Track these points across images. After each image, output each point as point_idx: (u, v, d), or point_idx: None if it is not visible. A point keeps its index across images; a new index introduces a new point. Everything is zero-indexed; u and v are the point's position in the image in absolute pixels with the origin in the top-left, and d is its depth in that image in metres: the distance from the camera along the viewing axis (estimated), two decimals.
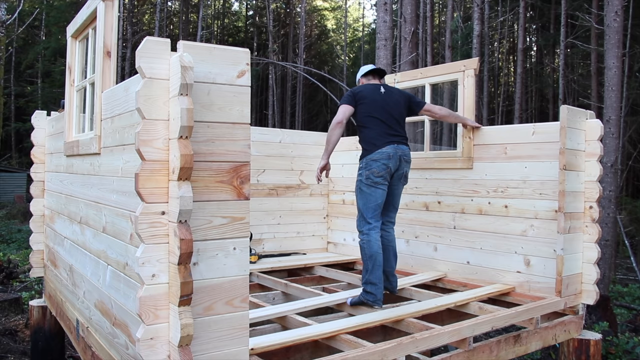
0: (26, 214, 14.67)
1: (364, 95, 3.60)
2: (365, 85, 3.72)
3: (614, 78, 6.78)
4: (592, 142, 3.71)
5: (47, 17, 24.01)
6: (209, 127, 1.97)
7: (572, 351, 3.66)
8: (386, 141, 3.51)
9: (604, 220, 6.64)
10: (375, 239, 3.47)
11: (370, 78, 3.82)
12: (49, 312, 4.15)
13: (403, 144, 3.59)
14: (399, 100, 3.69)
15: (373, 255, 3.43)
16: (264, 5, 28.80)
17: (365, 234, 3.49)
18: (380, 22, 7.14)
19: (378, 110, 3.57)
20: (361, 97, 3.60)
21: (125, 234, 2.20)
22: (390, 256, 3.68)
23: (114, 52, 2.66)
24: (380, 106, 3.58)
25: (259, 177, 5.07)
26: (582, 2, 14.65)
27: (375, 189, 3.49)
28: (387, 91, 3.69)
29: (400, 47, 8.31)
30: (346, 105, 3.59)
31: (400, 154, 3.53)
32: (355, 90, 3.67)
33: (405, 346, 2.62)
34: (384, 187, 3.53)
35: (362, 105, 3.59)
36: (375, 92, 3.64)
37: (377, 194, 3.50)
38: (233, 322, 2.04)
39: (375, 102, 3.59)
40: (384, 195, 3.54)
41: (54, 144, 3.84)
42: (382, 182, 3.50)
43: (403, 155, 3.56)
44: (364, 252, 3.48)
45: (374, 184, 3.49)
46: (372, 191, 3.50)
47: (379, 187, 3.50)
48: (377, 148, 3.49)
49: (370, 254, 3.44)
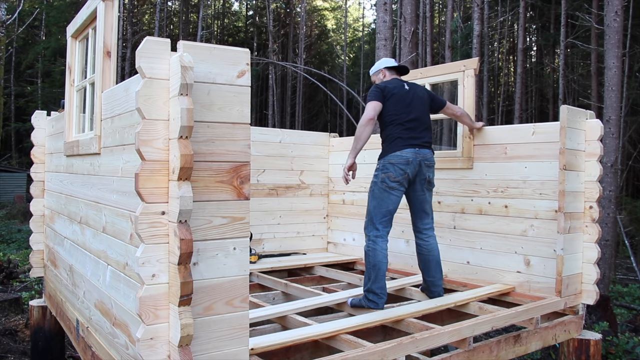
0: (26, 214, 14.67)
1: (391, 91, 3.46)
2: (390, 81, 3.58)
3: (614, 78, 6.78)
4: (592, 142, 3.71)
5: (47, 17, 24.02)
6: (209, 127, 1.97)
7: (572, 351, 3.66)
8: (407, 144, 3.38)
9: (604, 220, 6.64)
10: (381, 248, 3.37)
11: (393, 73, 3.69)
12: (49, 312, 4.15)
13: (425, 147, 3.46)
14: (423, 97, 3.57)
15: (377, 264, 3.35)
16: (264, 5, 28.81)
17: (372, 241, 3.39)
18: (380, 22, 7.14)
19: (403, 109, 3.45)
20: (389, 93, 3.46)
21: (125, 234, 2.20)
22: (431, 266, 3.55)
23: (114, 52, 2.66)
24: (406, 104, 3.46)
25: (259, 177, 5.07)
26: (582, 2, 14.66)
27: (389, 194, 3.38)
28: (412, 88, 3.57)
29: (400, 47, 8.31)
30: (375, 102, 3.43)
31: (420, 159, 3.41)
32: (381, 85, 3.52)
33: (405, 346, 2.62)
34: (399, 193, 3.41)
35: (389, 101, 3.44)
36: (401, 88, 3.51)
37: (390, 199, 3.39)
38: (233, 322, 2.04)
39: (401, 100, 3.46)
40: (397, 202, 3.42)
41: (54, 144, 3.84)
42: (398, 187, 3.39)
43: (424, 160, 3.44)
44: (368, 260, 3.39)
45: (388, 188, 3.37)
46: (386, 196, 3.38)
47: (393, 192, 3.38)
48: (397, 150, 3.38)
49: (374, 263, 3.36)
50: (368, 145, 4.90)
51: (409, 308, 3.24)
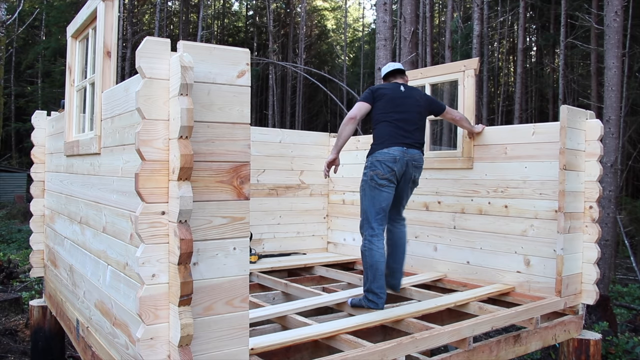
0: (26, 214, 14.67)
1: (382, 93, 3.53)
2: (387, 84, 3.67)
3: (613, 78, 6.78)
4: (592, 142, 3.71)
5: (47, 17, 24.02)
6: (209, 127, 1.97)
7: (572, 351, 3.66)
8: (395, 142, 3.40)
9: (604, 220, 6.65)
10: (377, 247, 3.37)
11: (397, 77, 3.75)
12: (49, 312, 4.15)
13: (414, 147, 3.48)
14: (419, 101, 3.60)
15: (374, 265, 3.35)
16: (264, 6, 28.82)
17: (368, 241, 3.40)
18: (380, 22, 7.14)
19: (394, 109, 3.48)
20: (379, 95, 3.53)
21: (125, 234, 2.20)
22: (398, 253, 3.62)
23: (114, 52, 2.66)
24: (397, 105, 3.50)
25: (259, 177, 5.07)
26: (582, 2, 14.66)
27: (380, 191, 3.39)
28: (407, 91, 3.60)
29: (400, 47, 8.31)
30: (362, 102, 3.52)
31: (407, 158, 3.43)
32: (375, 87, 3.60)
33: (405, 346, 2.62)
34: (390, 189, 3.42)
35: (379, 102, 3.51)
36: (395, 91, 3.56)
37: (382, 196, 3.40)
38: (233, 322, 2.04)
39: (392, 101, 3.50)
40: (389, 198, 3.43)
41: (54, 144, 3.84)
42: (388, 184, 3.40)
43: (411, 160, 3.45)
44: (365, 260, 3.39)
45: (378, 185, 3.39)
46: (377, 193, 3.40)
47: (383, 189, 3.39)
48: (383, 148, 3.40)
49: (372, 263, 3.36)
50: (364, 145, 4.93)
51: (409, 308, 3.24)
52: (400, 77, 3.74)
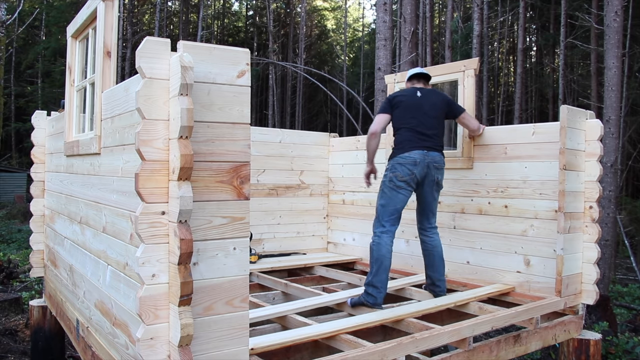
0: (26, 214, 14.67)
1: (399, 101, 3.65)
2: (402, 90, 3.78)
3: (613, 78, 6.78)
4: (592, 142, 3.71)
5: (47, 17, 24.01)
6: (209, 127, 1.97)
7: (572, 351, 3.66)
8: (415, 146, 3.51)
9: (604, 220, 6.65)
10: (385, 243, 3.45)
11: (414, 82, 3.83)
12: (49, 312, 4.15)
13: (434, 150, 3.57)
14: (436, 103, 3.68)
15: (380, 258, 3.42)
16: (264, 6, 28.82)
17: (377, 236, 3.49)
18: (380, 22, 7.14)
19: (412, 114, 3.59)
20: (396, 103, 3.65)
21: (125, 234, 2.20)
22: (435, 261, 3.66)
23: (114, 52, 2.66)
24: (414, 109, 3.60)
25: (259, 177, 5.07)
26: (582, 2, 14.67)
27: (396, 193, 3.50)
28: (424, 94, 3.69)
29: (400, 47, 8.31)
30: (381, 115, 3.68)
31: (428, 160, 3.52)
32: (391, 96, 3.72)
33: (405, 346, 2.62)
34: (407, 192, 3.52)
35: (397, 110, 3.64)
36: (411, 96, 3.67)
37: (398, 198, 3.50)
38: (233, 322, 2.04)
39: (410, 106, 3.62)
40: (404, 201, 3.53)
41: (54, 144, 3.84)
42: (405, 187, 3.50)
43: (432, 162, 3.54)
44: (372, 254, 3.47)
45: (396, 187, 3.49)
46: (393, 195, 3.50)
47: (400, 191, 3.50)
48: (404, 152, 3.51)
49: (377, 256, 3.43)
50: (363, 145, 4.96)
51: (409, 308, 3.24)
52: (417, 81, 3.83)
